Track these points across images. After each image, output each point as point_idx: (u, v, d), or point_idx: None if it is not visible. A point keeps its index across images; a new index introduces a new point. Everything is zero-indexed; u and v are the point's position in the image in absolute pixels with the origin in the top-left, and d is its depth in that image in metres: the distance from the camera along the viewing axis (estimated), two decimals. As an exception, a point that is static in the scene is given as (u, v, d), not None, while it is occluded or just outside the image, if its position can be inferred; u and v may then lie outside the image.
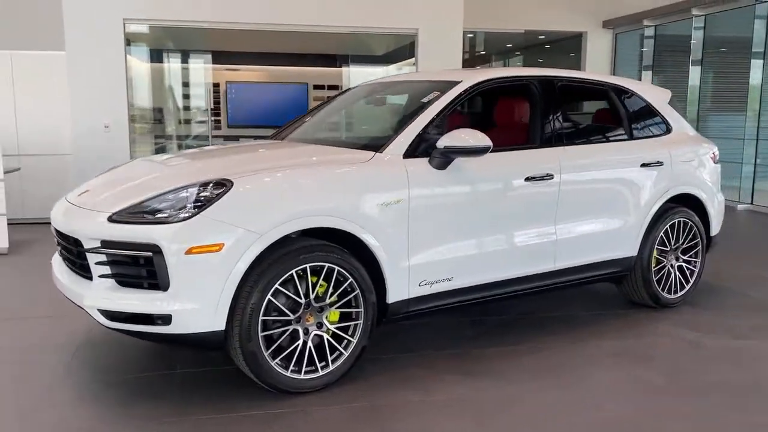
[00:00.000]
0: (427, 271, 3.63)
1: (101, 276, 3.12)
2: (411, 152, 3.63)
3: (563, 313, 4.67)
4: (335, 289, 3.32)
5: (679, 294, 4.81)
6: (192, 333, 3.03)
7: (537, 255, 4.07)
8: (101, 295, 3.09)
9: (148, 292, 3.03)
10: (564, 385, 3.46)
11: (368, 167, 3.51)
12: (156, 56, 10.63)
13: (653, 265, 4.63)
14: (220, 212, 3.04)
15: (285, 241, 3.20)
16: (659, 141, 4.71)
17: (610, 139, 4.64)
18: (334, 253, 3.29)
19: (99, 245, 3.08)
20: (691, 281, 4.87)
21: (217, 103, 11.04)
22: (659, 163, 4.59)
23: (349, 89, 5.04)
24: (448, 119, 4.40)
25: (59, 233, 3.47)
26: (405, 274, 3.54)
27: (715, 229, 5.02)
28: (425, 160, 3.63)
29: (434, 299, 3.70)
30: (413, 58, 8.93)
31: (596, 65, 12.45)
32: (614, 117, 4.71)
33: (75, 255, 3.31)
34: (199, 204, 3.05)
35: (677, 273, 4.80)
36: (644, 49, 12.46)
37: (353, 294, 3.38)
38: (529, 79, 4.29)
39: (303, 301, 3.25)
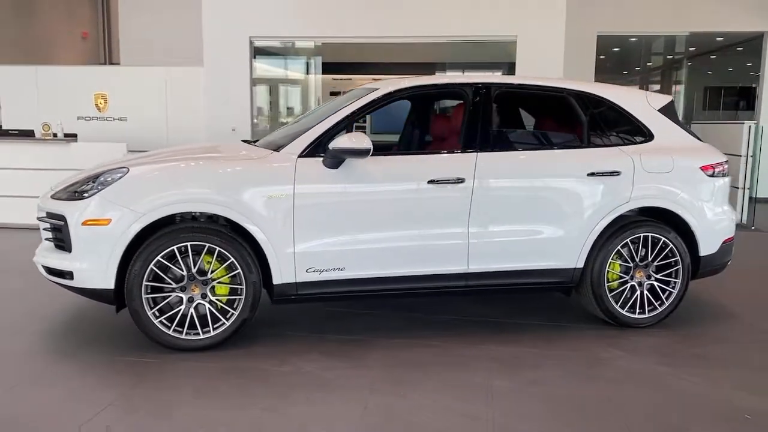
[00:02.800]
0: (315, 259, 4.02)
1: (46, 239, 4.06)
2: (310, 152, 4.05)
3: (507, 320, 4.65)
4: (220, 265, 3.88)
5: (648, 315, 4.48)
6: (89, 288, 3.84)
7: (444, 255, 4.19)
8: (42, 253, 4.04)
9: (63, 254, 3.90)
10: (399, 380, 3.61)
11: (256, 164, 4.02)
12: (305, 68, 11.85)
13: (606, 279, 4.40)
14: (113, 194, 3.80)
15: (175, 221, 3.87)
16: (625, 149, 4.46)
17: (554, 146, 4.52)
18: (214, 235, 3.86)
19: (44, 215, 4.03)
20: (666, 303, 4.50)
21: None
22: (614, 173, 4.35)
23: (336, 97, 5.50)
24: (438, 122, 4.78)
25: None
26: (290, 260, 3.98)
27: (706, 248, 4.56)
28: (320, 159, 4.03)
29: (324, 286, 4.07)
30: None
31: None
32: (567, 124, 4.56)
33: (43, 224, 4.32)
34: (101, 187, 3.84)
35: (645, 292, 4.48)
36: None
37: (236, 272, 3.92)
38: (459, 87, 4.40)
39: (185, 273, 3.87)
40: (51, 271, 3.95)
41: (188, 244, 3.84)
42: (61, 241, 3.93)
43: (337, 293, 4.14)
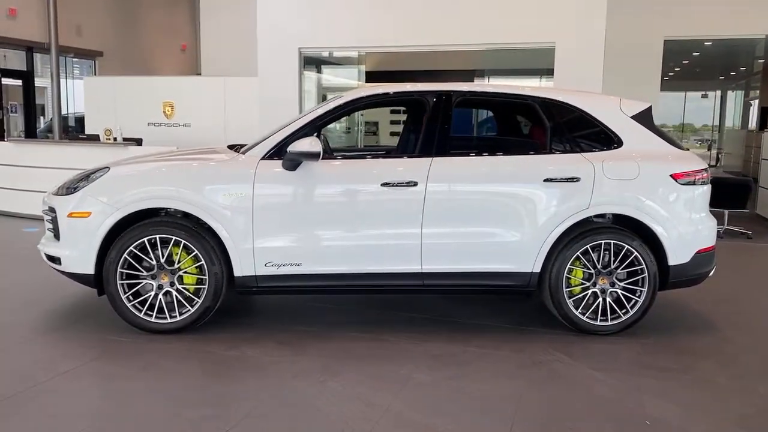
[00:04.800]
0: (273, 254, 4.34)
1: (48, 229, 4.64)
2: (273, 155, 4.38)
3: (467, 321, 4.76)
4: (187, 256, 4.29)
5: (611, 323, 4.46)
6: (73, 272, 4.36)
7: (398, 255, 4.38)
8: (43, 242, 4.61)
9: (55, 241, 4.44)
10: (327, 369, 3.84)
11: (220, 165, 4.40)
12: (349, 77, 12.17)
13: (568, 285, 4.43)
14: (94, 190, 4.30)
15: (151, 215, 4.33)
16: (588, 156, 4.46)
17: (513, 152, 4.58)
18: (181, 229, 4.27)
19: (46, 209, 4.60)
20: (631, 311, 4.46)
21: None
22: (573, 179, 4.38)
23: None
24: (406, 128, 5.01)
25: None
26: (249, 255, 4.32)
27: (675, 258, 4.46)
28: (280, 162, 4.35)
29: (282, 280, 4.38)
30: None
31: None
32: (529, 131, 4.62)
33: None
34: (85, 184, 4.35)
35: (608, 299, 4.46)
36: None
37: (199, 264, 4.31)
38: (420, 94, 4.59)
39: (154, 263, 4.31)
40: (48, 257, 4.51)
41: (156, 236, 4.27)
42: (55, 230, 4.47)
43: (296, 287, 4.44)
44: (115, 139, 8.72)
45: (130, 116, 10.61)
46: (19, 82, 15.42)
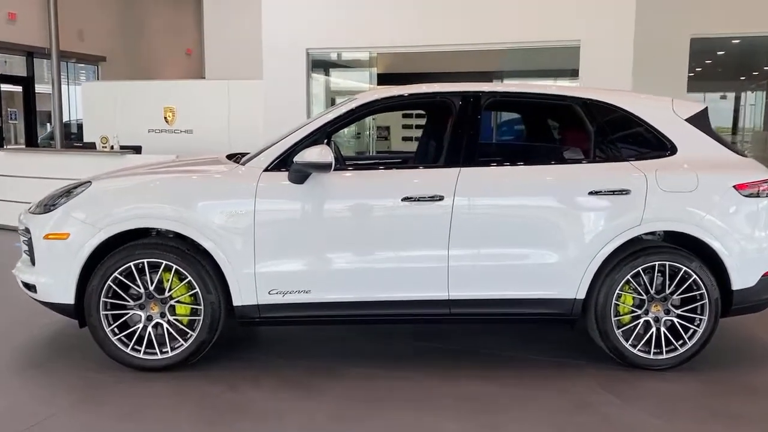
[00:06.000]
0: (278, 280, 3.78)
1: (24, 252, 4.10)
2: (277, 166, 3.83)
3: (500, 353, 4.19)
4: (180, 284, 3.74)
5: (666, 356, 3.87)
6: (51, 302, 3.82)
7: (421, 280, 3.82)
8: (19, 266, 4.07)
9: (30, 267, 3.90)
10: (341, 417, 3.29)
11: (217, 178, 3.85)
12: (360, 80, 11.62)
13: (616, 313, 3.85)
14: (74, 207, 3.76)
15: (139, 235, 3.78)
16: (639, 165, 3.89)
17: (551, 160, 4.02)
18: (172, 252, 3.72)
19: (22, 229, 4.06)
20: (689, 343, 3.87)
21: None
22: (622, 192, 3.80)
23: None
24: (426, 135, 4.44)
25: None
26: (251, 281, 3.76)
27: (740, 281, 3.87)
28: (286, 174, 3.79)
29: (289, 309, 3.82)
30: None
31: None
32: (569, 136, 4.06)
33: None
34: (65, 201, 3.81)
35: (664, 330, 3.87)
36: None
37: (193, 292, 3.76)
38: (445, 96, 4.02)
39: (142, 291, 3.76)
40: (24, 284, 3.97)
41: (144, 261, 3.72)
42: (31, 254, 3.94)
43: (305, 317, 3.89)
44: (113, 147, 8.20)
45: (130, 123, 10.11)
46: (19, 89, 15.04)
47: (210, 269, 3.75)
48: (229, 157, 4.36)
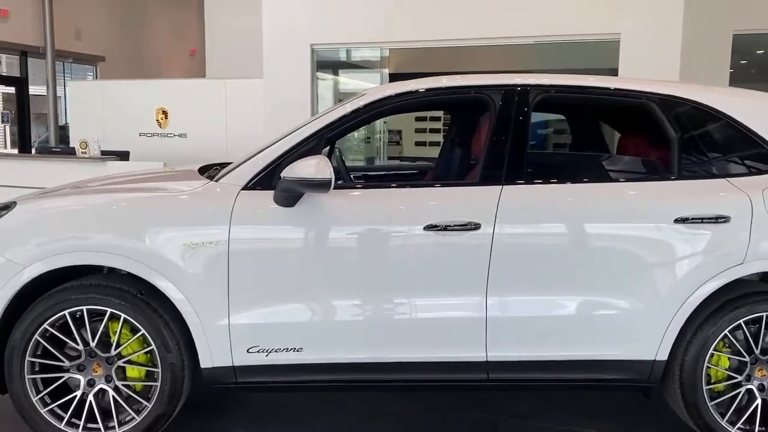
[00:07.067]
0: (261, 335, 2.85)
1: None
2: (261, 183, 2.89)
3: (554, 425, 3.23)
4: (130, 337, 2.82)
5: (775, 437, 2.91)
6: (-40, 362, 2.89)
7: (450, 336, 2.87)
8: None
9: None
10: None
11: (181, 199, 2.91)
12: (370, 81, 10.74)
13: (705, 381, 2.89)
14: (-9, 238, 2.84)
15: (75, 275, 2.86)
16: (739, 183, 2.92)
17: (623, 178, 3.06)
18: (117, 297, 2.79)
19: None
20: (806, 421, 2.91)
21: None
22: (719, 219, 2.84)
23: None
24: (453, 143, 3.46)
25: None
26: (224, 335, 2.83)
27: None
28: (271, 193, 2.85)
29: (273, 372, 2.88)
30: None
31: None
32: (646, 145, 3.10)
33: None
34: (-18, 228, 2.89)
35: (771, 402, 2.91)
36: None
37: (148, 349, 2.83)
38: (481, 90, 3.06)
39: (81, 348, 2.83)
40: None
41: (83, 308, 2.80)
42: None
43: (294, 382, 2.94)
44: (100, 152, 7.31)
45: (119, 126, 9.24)
46: (12, 90, 14.29)
47: (170, 320, 2.82)
48: (204, 169, 3.42)
